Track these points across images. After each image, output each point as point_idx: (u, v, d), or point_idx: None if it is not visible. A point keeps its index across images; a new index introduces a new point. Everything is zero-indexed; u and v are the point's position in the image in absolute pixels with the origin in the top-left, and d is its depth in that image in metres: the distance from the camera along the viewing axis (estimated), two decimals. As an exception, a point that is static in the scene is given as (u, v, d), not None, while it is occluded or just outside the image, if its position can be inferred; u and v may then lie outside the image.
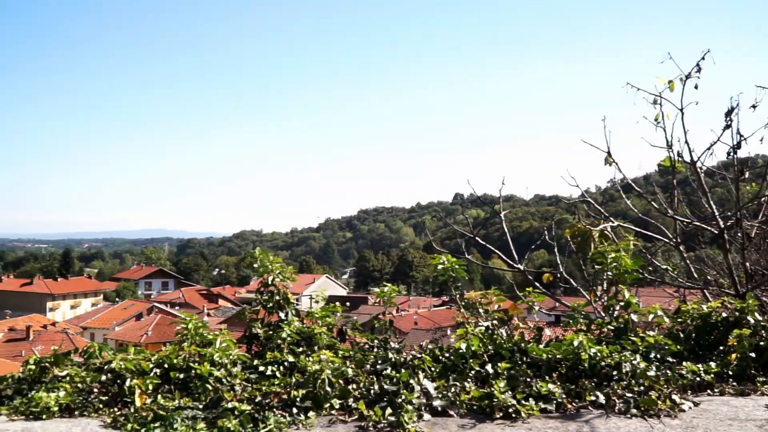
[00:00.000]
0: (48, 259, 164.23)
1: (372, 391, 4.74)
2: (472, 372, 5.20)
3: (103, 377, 5.00)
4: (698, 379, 5.09)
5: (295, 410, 4.45)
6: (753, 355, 5.43)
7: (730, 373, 5.32)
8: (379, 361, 5.32)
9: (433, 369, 5.23)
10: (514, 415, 4.43)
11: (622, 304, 6.09)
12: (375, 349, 5.81)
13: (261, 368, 5.26)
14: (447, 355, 5.48)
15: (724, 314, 6.08)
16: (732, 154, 7.41)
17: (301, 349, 5.73)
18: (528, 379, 4.92)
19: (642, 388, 4.77)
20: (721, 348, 5.79)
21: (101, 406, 4.66)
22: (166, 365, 5.15)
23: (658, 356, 5.37)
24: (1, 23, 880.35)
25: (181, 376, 5.06)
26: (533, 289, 6.88)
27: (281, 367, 5.28)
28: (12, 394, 4.94)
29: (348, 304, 13.08)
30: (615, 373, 4.99)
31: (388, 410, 4.36)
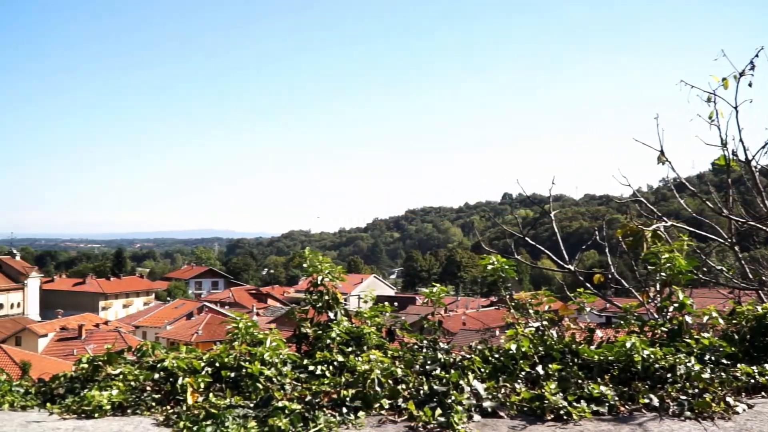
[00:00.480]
0: (100, 258, 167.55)
1: (421, 392, 4.73)
2: (523, 373, 5.16)
3: (156, 376, 5.08)
4: (752, 381, 4.99)
5: (344, 410, 4.47)
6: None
7: (786, 375, 5.21)
8: (429, 362, 5.31)
9: (482, 370, 5.20)
10: (565, 417, 4.38)
11: (676, 305, 6.00)
12: (424, 350, 5.80)
13: (311, 368, 5.28)
14: (497, 356, 5.44)
15: (779, 315, 5.97)
16: (787, 152, 7.27)
17: (350, 349, 5.74)
18: (579, 381, 4.87)
19: (696, 390, 4.68)
20: (777, 350, 5.68)
21: (154, 404, 4.73)
22: (217, 364, 5.21)
23: (713, 358, 5.27)
24: (1, 23, 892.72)
25: (232, 374, 5.11)
26: (584, 289, 6.81)
27: (331, 367, 5.29)
28: (64, 392, 5.04)
29: (396, 304, 13.08)
30: (669, 375, 4.91)
31: (438, 411, 4.34)
